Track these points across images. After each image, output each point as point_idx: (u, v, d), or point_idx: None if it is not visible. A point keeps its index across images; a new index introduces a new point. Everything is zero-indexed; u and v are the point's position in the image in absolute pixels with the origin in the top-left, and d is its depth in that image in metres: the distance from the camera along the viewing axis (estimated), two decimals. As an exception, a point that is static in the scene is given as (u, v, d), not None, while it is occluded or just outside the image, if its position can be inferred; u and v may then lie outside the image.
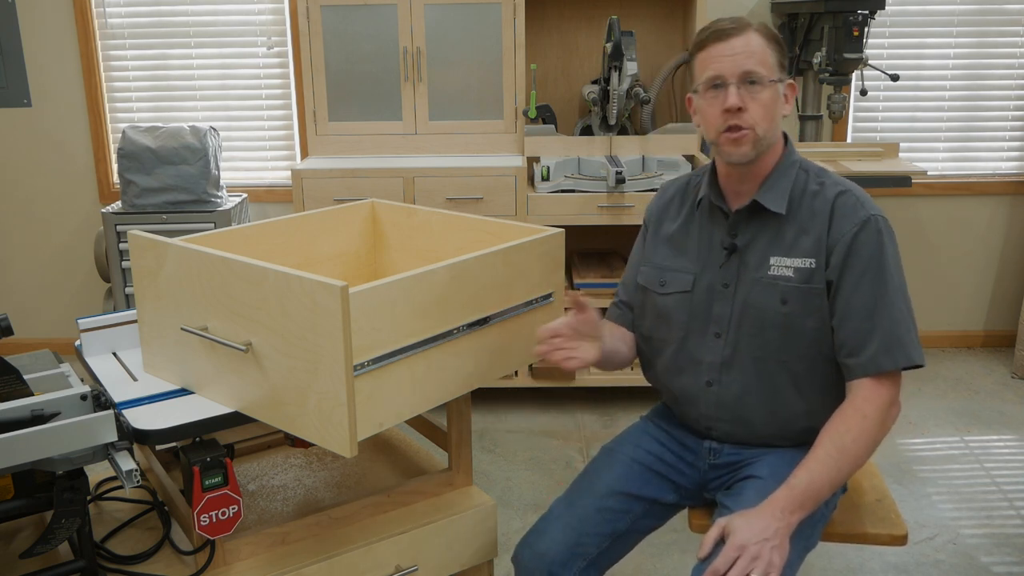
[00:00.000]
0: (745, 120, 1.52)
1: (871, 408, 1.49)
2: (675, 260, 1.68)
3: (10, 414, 1.34)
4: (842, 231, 1.53)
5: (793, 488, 1.44)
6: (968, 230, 3.83)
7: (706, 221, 1.66)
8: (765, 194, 1.58)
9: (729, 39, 1.52)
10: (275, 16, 3.69)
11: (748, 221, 1.60)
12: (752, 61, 1.51)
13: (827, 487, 1.46)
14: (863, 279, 1.51)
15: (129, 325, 1.76)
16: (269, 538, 1.59)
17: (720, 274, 1.62)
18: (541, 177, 3.12)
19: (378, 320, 1.37)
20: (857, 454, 1.47)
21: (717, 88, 1.53)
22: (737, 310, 1.60)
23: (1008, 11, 3.63)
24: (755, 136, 1.53)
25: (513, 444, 3.09)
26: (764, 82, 1.51)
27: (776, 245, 1.57)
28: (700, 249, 1.66)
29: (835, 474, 1.46)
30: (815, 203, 1.56)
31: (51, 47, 3.69)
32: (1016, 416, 3.25)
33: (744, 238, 1.60)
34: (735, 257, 1.61)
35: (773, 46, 1.54)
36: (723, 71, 1.52)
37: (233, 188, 3.78)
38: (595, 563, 1.61)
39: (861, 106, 3.72)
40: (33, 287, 3.95)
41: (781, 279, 1.56)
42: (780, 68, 1.55)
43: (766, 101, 1.52)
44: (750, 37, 1.52)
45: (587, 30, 3.55)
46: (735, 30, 1.52)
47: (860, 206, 1.54)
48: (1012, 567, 2.35)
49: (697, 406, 1.67)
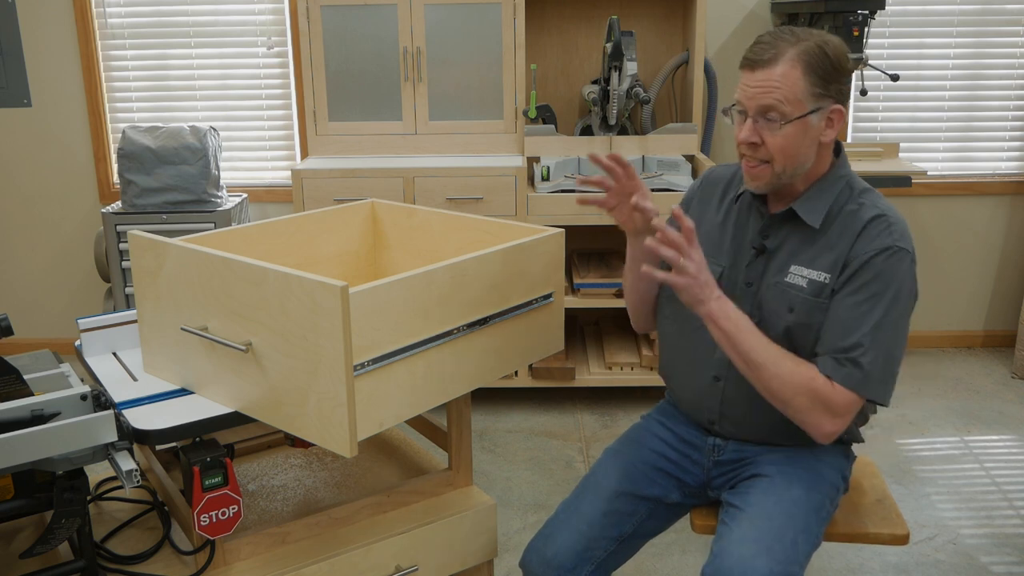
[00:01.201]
0: (760, 154, 1.50)
1: (821, 385, 1.46)
2: (708, 250, 1.64)
3: (10, 414, 1.34)
4: (863, 250, 1.49)
5: (731, 306, 1.48)
6: (968, 230, 3.83)
7: (743, 217, 1.65)
8: (804, 204, 1.56)
9: (755, 70, 1.48)
10: (275, 16, 3.70)
11: (781, 226, 1.59)
12: (772, 96, 1.46)
13: (742, 344, 1.47)
14: (860, 292, 1.48)
15: (129, 325, 1.76)
16: (269, 538, 1.59)
17: (746, 272, 1.62)
18: (541, 177, 3.12)
19: (378, 320, 1.37)
20: (775, 375, 1.46)
21: (741, 115, 1.52)
22: (755, 311, 1.59)
23: (1008, 11, 3.63)
24: (771, 172, 1.51)
25: (513, 444, 3.09)
26: (782, 120, 1.47)
27: (801, 255, 1.56)
28: (732, 244, 1.65)
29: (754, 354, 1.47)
30: (848, 221, 1.54)
31: (51, 47, 3.69)
32: (1016, 416, 3.25)
33: (774, 241, 1.60)
34: (762, 258, 1.60)
35: (810, 76, 1.46)
36: (743, 100, 1.50)
37: (233, 188, 3.78)
38: (602, 566, 1.62)
39: (861, 106, 3.73)
40: (33, 287, 3.95)
41: (794, 288, 1.55)
42: (814, 98, 1.47)
43: (787, 136, 1.48)
44: (777, 70, 1.46)
45: (587, 30, 3.55)
46: (764, 61, 1.47)
47: (889, 234, 1.50)
48: (1012, 567, 2.35)
49: (703, 400, 1.67)
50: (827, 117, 1.51)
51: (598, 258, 3.56)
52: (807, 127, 1.49)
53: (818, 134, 1.51)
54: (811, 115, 1.48)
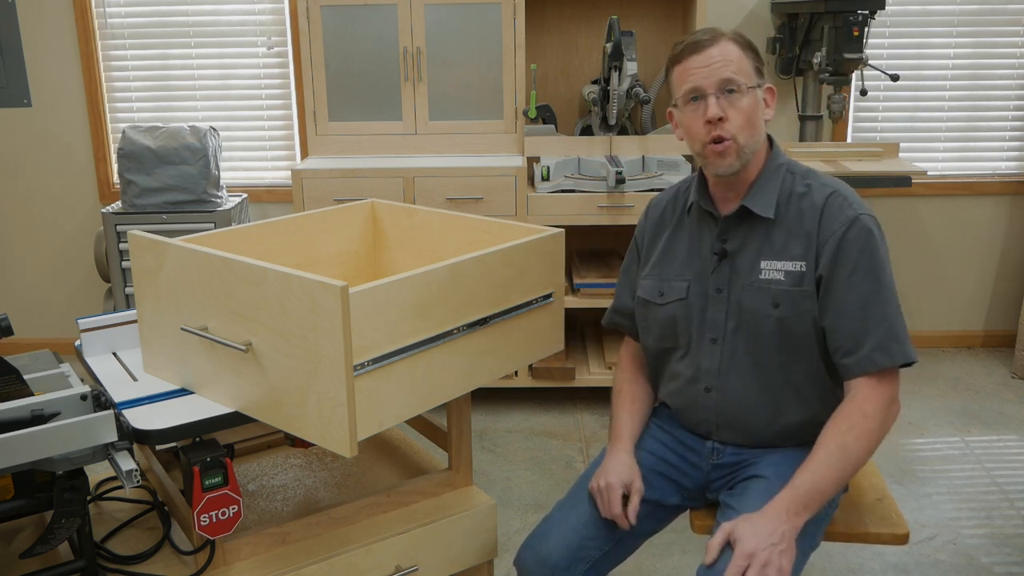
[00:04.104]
0: (727, 130, 1.52)
1: (872, 407, 1.49)
2: (670, 268, 1.68)
3: (10, 414, 1.34)
4: (831, 230, 1.53)
5: (797, 489, 1.44)
6: (968, 230, 3.83)
7: (696, 227, 1.67)
8: (753, 198, 1.58)
9: (704, 50, 1.53)
10: (275, 16, 3.70)
11: (738, 226, 1.60)
12: (729, 69, 1.51)
13: (831, 487, 1.46)
14: (854, 277, 1.51)
15: (129, 325, 1.76)
16: (269, 538, 1.59)
17: (712, 279, 1.62)
18: (541, 177, 3.12)
19: (378, 320, 1.37)
20: (859, 453, 1.47)
21: (696, 100, 1.54)
22: (732, 315, 1.60)
23: (1008, 11, 3.63)
24: (737, 146, 1.53)
25: (513, 444, 3.09)
26: (743, 89, 1.52)
27: (766, 249, 1.57)
28: (691, 255, 1.66)
29: (838, 474, 1.46)
30: (803, 205, 1.56)
31: (51, 47, 3.69)
32: (1016, 416, 3.25)
33: (734, 243, 1.60)
34: (726, 262, 1.61)
35: (748, 53, 1.55)
36: (701, 82, 1.53)
37: (233, 188, 3.78)
38: (597, 566, 1.61)
39: (861, 106, 3.73)
40: (33, 287, 3.95)
41: (772, 283, 1.56)
42: (758, 74, 1.56)
43: (746, 108, 1.52)
44: (725, 46, 1.53)
45: (587, 30, 3.55)
46: (709, 41, 1.53)
47: (848, 205, 1.54)
48: (1012, 567, 2.35)
49: (697, 411, 1.67)
50: (764, 97, 1.58)
51: (598, 258, 3.56)
52: (756, 101, 1.55)
53: (762, 111, 1.57)
54: (758, 89, 1.55)
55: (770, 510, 1.43)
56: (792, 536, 1.41)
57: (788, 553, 1.39)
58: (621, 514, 1.58)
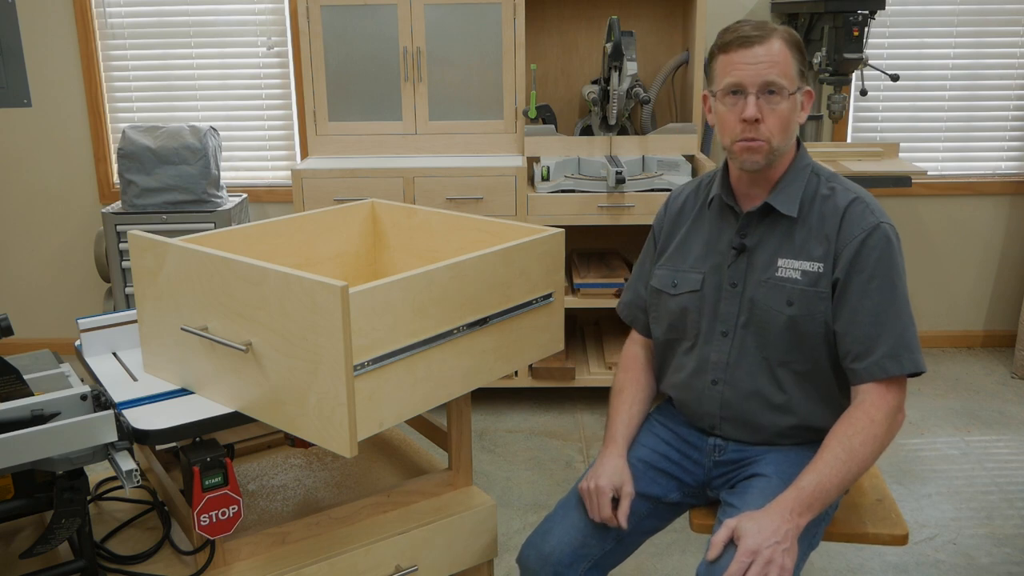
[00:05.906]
0: (761, 132, 1.52)
1: (879, 413, 1.49)
2: (685, 260, 1.69)
3: (10, 414, 1.34)
4: (852, 235, 1.53)
5: (802, 489, 1.44)
6: (968, 230, 3.83)
7: (716, 220, 1.67)
8: (777, 197, 1.58)
9: (753, 47, 1.50)
10: (275, 16, 3.69)
11: (759, 222, 1.61)
12: (774, 72, 1.49)
13: (835, 489, 1.46)
14: (871, 284, 1.51)
15: (129, 325, 1.76)
16: (269, 538, 1.59)
17: (728, 273, 1.62)
18: (541, 177, 3.12)
19: (378, 320, 1.37)
20: (864, 457, 1.47)
21: (736, 95, 1.53)
22: (744, 310, 1.60)
23: (1008, 11, 3.63)
24: (769, 148, 1.53)
25: (513, 444, 3.09)
26: (784, 94, 1.51)
27: (785, 247, 1.58)
28: (709, 248, 1.66)
29: (843, 476, 1.46)
30: (826, 207, 1.57)
31: (51, 47, 3.69)
32: (1016, 416, 3.25)
33: (753, 239, 1.61)
34: (743, 257, 1.61)
35: (796, 54, 1.53)
36: (744, 80, 1.51)
37: (233, 188, 3.78)
38: (599, 564, 1.61)
39: (861, 106, 3.72)
40: (33, 287, 3.95)
41: (788, 281, 1.56)
42: (800, 77, 1.54)
43: (784, 113, 1.52)
44: (773, 45, 1.50)
45: (587, 30, 3.55)
46: (760, 38, 1.50)
47: (870, 212, 1.54)
48: (1012, 567, 2.35)
49: (701, 404, 1.67)
50: (802, 100, 1.57)
51: (598, 258, 3.56)
52: (795, 105, 1.54)
53: (798, 114, 1.56)
54: (797, 93, 1.54)
55: (774, 508, 1.43)
56: (795, 536, 1.41)
57: (791, 552, 1.39)
58: (610, 516, 1.58)
